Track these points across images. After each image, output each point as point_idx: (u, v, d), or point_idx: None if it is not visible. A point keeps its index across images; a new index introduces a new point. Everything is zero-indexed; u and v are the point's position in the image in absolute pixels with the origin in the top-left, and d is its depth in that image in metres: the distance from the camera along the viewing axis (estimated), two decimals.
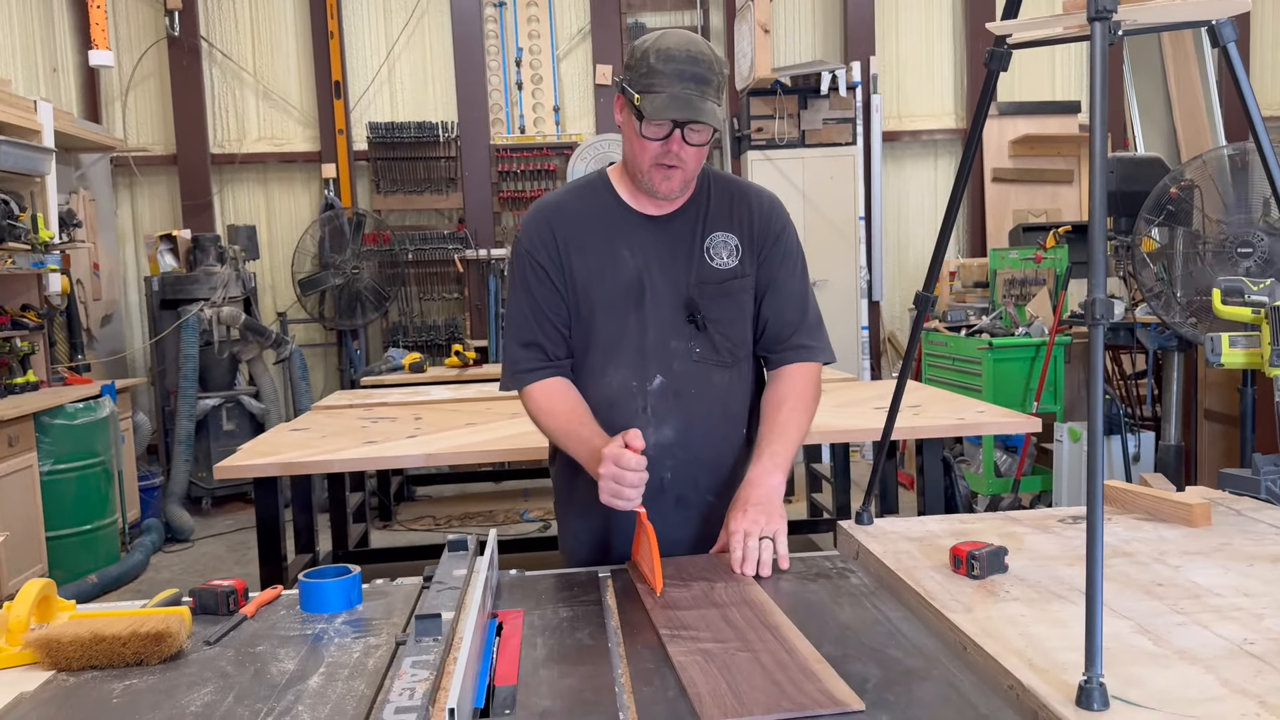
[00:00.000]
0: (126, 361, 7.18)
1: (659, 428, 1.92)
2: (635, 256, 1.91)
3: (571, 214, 1.95)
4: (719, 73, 1.80)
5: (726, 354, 1.94)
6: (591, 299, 1.92)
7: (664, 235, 1.93)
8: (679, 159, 1.81)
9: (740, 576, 1.68)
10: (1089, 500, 1.24)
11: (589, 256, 1.92)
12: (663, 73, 1.75)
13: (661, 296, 1.91)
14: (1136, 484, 2.13)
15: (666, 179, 1.84)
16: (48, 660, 1.39)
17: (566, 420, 1.89)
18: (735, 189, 2.00)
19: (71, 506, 4.85)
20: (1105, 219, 1.27)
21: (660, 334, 1.91)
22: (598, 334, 1.93)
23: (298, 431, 3.72)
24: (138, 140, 7.46)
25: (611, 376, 1.93)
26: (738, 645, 1.36)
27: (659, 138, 1.79)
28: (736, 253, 1.93)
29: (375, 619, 1.55)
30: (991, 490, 5.31)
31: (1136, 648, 1.30)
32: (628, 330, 1.92)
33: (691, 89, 1.75)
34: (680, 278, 1.91)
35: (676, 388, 1.92)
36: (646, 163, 1.83)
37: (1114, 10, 1.30)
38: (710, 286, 1.91)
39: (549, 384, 1.94)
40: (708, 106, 1.77)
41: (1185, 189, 4.48)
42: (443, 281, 7.66)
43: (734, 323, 1.94)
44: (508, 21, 7.58)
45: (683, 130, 1.78)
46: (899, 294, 7.88)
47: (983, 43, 7.62)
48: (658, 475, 1.89)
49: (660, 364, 1.91)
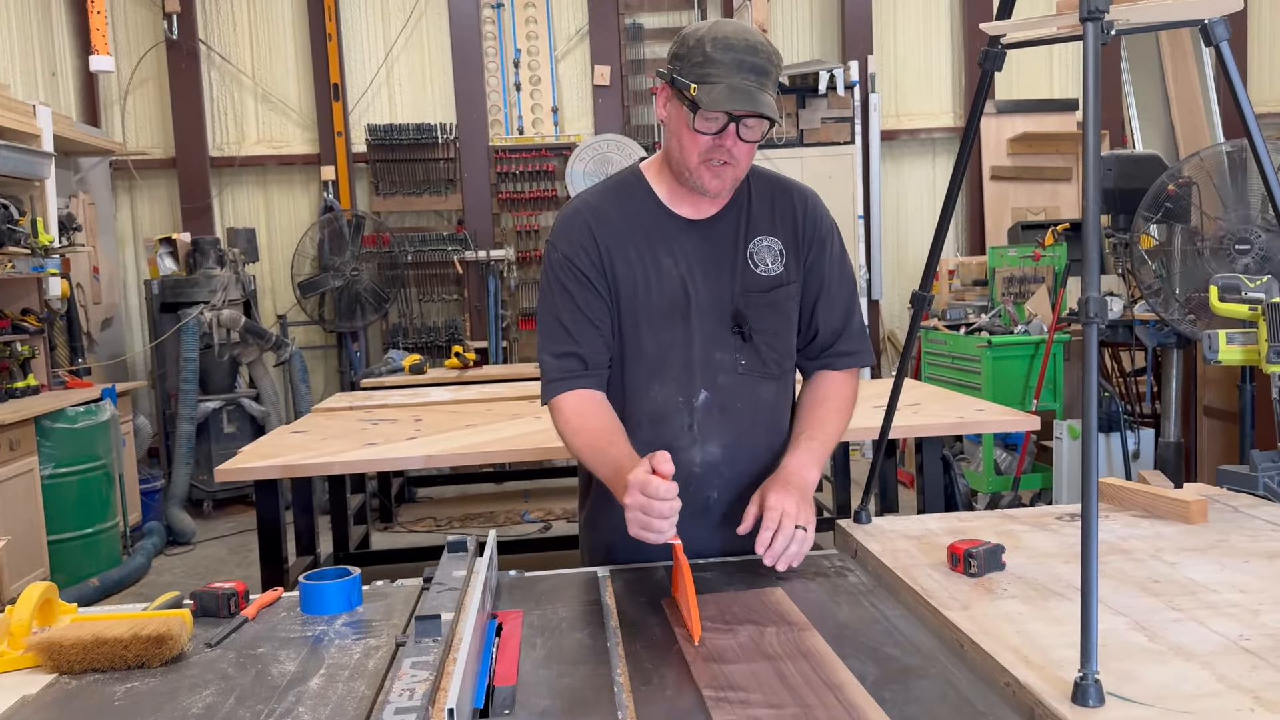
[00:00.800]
0: (127, 365, 7.18)
1: (705, 445, 1.84)
2: (678, 264, 1.81)
3: (611, 217, 1.83)
4: (777, 64, 1.70)
5: (774, 365, 1.86)
6: (635, 310, 1.82)
7: (706, 240, 1.83)
8: (731, 155, 1.70)
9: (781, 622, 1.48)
10: (1083, 497, 1.25)
11: (632, 264, 1.81)
12: (721, 62, 1.63)
13: (706, 307, 1.81)
14: (1135, 481, 2.14)
15: (717, 176, 1.72)
16: (50, 663, 1.39)
17: (595, 437, 1.76)
18: (777, 187, 1.89)
19: (73, 510, 4.85)
20: (1099, 218, 1.28)
21: (705, 347, 1.82)
22: (643, 347, 1.83)
23: (298, 434, 3.73)
24: (137, 144, 7.47)
25: (657, 392, 1.83)
26: (796, 712, 1.18)
27: (713, 132, 1.68)
28: (781, 258, 1.84)
29: (375, 620, 1.56)
30: (991, 488, 5.31)
31: (1132, 644, 1.30)
32: (674, 343, 1.82)
33: (751, 80, 1.64)
34: (724, 286, 1.81)
35: (722, 403, 1.83)
36: (695, 159, 1.71)
37: (1106, 10, 1.30)
38: (756, 295, 1.82)
39: (581, 397, 1.81)
40: (766, 99, 1.65)
41: (1183, 186, 4.48)
42: (442, 283, 7.66)
43: (780, 333, 1.86)
44: (506, 23, 7.59)
45: (738, 125, 1.67)
46: (898, 292, 7.89)
47: (979, 41, 7.62)
48: (704, 495, 1.84)
49: (706, 378, 1.82)
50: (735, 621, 1.48)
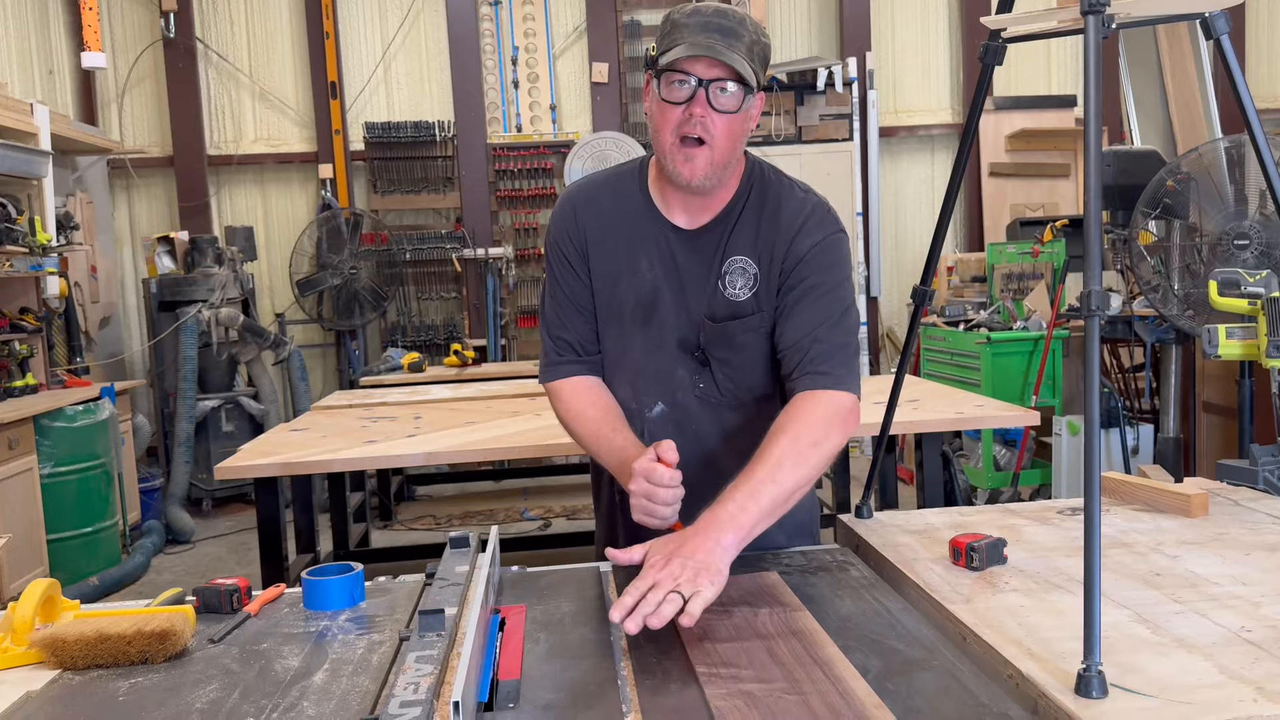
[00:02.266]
0: (125, 364, 7.18)
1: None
2: (654, 269, 1.75)
3: (600, 208, 1.80)
4: (752, 31, 1.60)
5: (730, 395, 1.77)
6: (603, 304, 1.80)
7: (688, 252, 1.75)
8: (703, 128, 1.59)
9: (774, 603, 1.50)
10: (1086, 491, 1.25)
11: (608, 255, 1.78)
12: (686, 25, 1.59)
13: (670, 321, 1.75)
14: (1135, 476, 2.14)
15: (689, 160, 1.62)
16: (53, 659, 1.39)
17: (597, 425, 1.75)
18: (773, 200, 1.75)
19: (72, 509, 4.85)
20: (1100, 213, 1.28)
21: (666, 360, 1.77)
22: (605, 343, 1.82)
23: (298, 432, 3.73)
24: (134, 142, 7.46)
25: (616, 390, 1.82)
26: (784, 686, 1.23)
27: (682, 100, 1.59)
28: (754, 283, 1.72)
29: (378, 616, 1.56)
30: (991, 484, 5.32)
31: (1135, 636, 1.31)
32: (629, 349, 1.79)
33: (715, 38, 1.56)
34: (693, 305, 1.74)
35: (678, 419, 1.78)
36: (668, 136, 1.62)
37: (1107, 4, 1.31)
38: (713, 325, 1.73)
39: (579, 383, 1.81)
40: (733, 55, 1.55)
41: (1182, 182, 4.49)
42: (441, 281, 7.66)
43: (742, 366, 1.76)
44: (503, 20, 7.59)
45: (708, 91, 1.58)
46: (897, 289, 7.90)
47: (978, 37, 7.63)
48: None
49: (662, 391, 1.78)
50: (730, 604, 1.51)
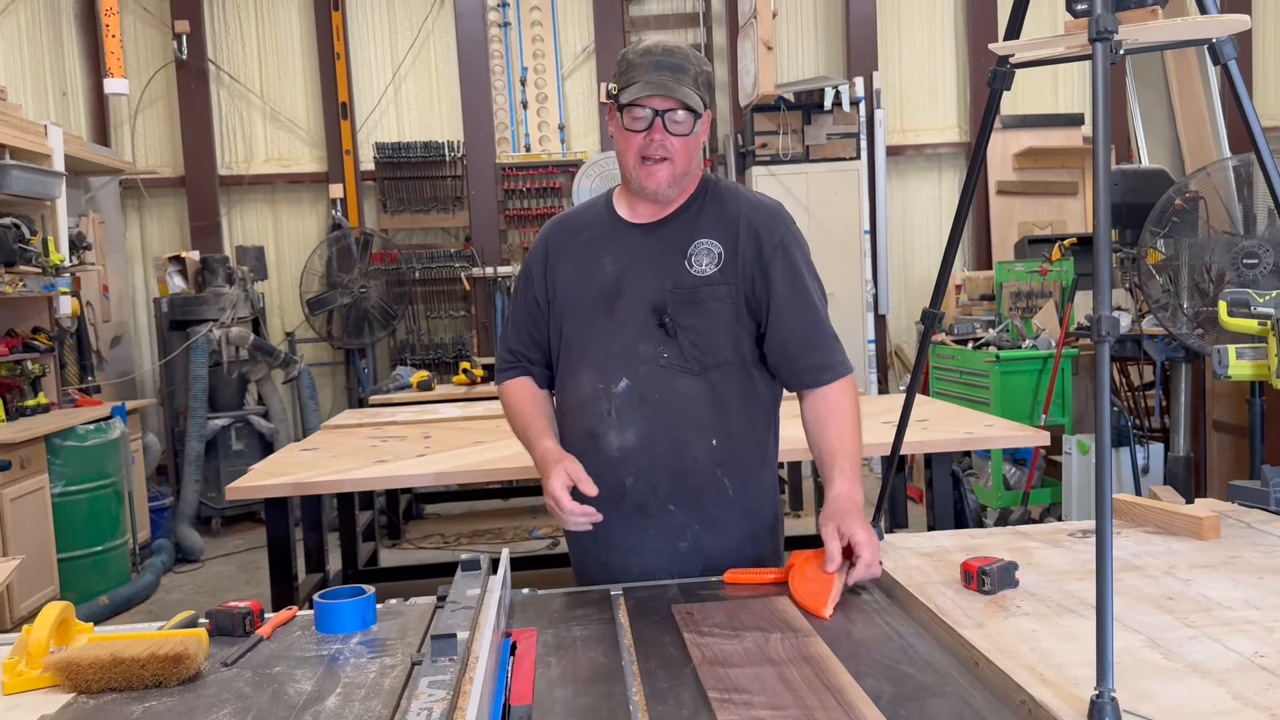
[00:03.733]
0: (136, 383, 7.21)
1: (623, 431, 1.93)
2: (616, 263, 1.95)
3: (567, 228, 2.05)
4: (696, 65, 1.87)
5: (694, 361, 1.91)
6: (568, 305, 1.99)
7: (650, 242, 1.95)
8: (664, 149, 1.84)
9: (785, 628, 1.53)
10: (1098, 515, 1.25)
11: (572, 266, 2.00)
12: (639, 65, 1.85)
13: (635, 301, 1.92)
14: (1146, 496, 2.14)
15: (652, 174, 1.86)
16: (68, 683, 1.40)
17: (523, 422, 2.02)
18: (733, 197, 1.98)
19: (83, 528, 4.86)
20: (1109, 237, 1.29)
21: (630, 338, 1.92)
22: (572, 338, 1.98)
23: (308, 451, 3.74)
24: (146, 163, 7.52)
25: (582, 378, 1.96)
26: (797, 714, 1.23)
27: (640, 129, 1.84)
28: (719, 260, 1.91)
29: (390, 639, 1.56)
30: (1001, 503, 5.30)
31: (1148, 662, 1.30)
32: (595, 333, 1.95)
33: (667, 75, 1.82)
34: (656, 283, 1.92)
35: (642, 392, 1.91)
36: (632, 159, 1.87)
37: (1115, 31, 1.32)
38: (684, 292, 1.90)
39: (516, 383, 2.08)
40: (683, 90, 1.82)
41: (1190, 201, 4.49)
42: (449, 299, 7.69)
43: (705, 331, 1.91)
44: (512, 41, 7.64)
45: (664, 120, 1.83)
46: (905, 307, 7.89)
47: (985, 56, 7.66)
48: (619, 479, 1.93)
49: (627, 367, 1.92)
50: (742, 628, 1.53)
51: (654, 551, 1.95)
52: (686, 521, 1.94)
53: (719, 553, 1.94)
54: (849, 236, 7.08)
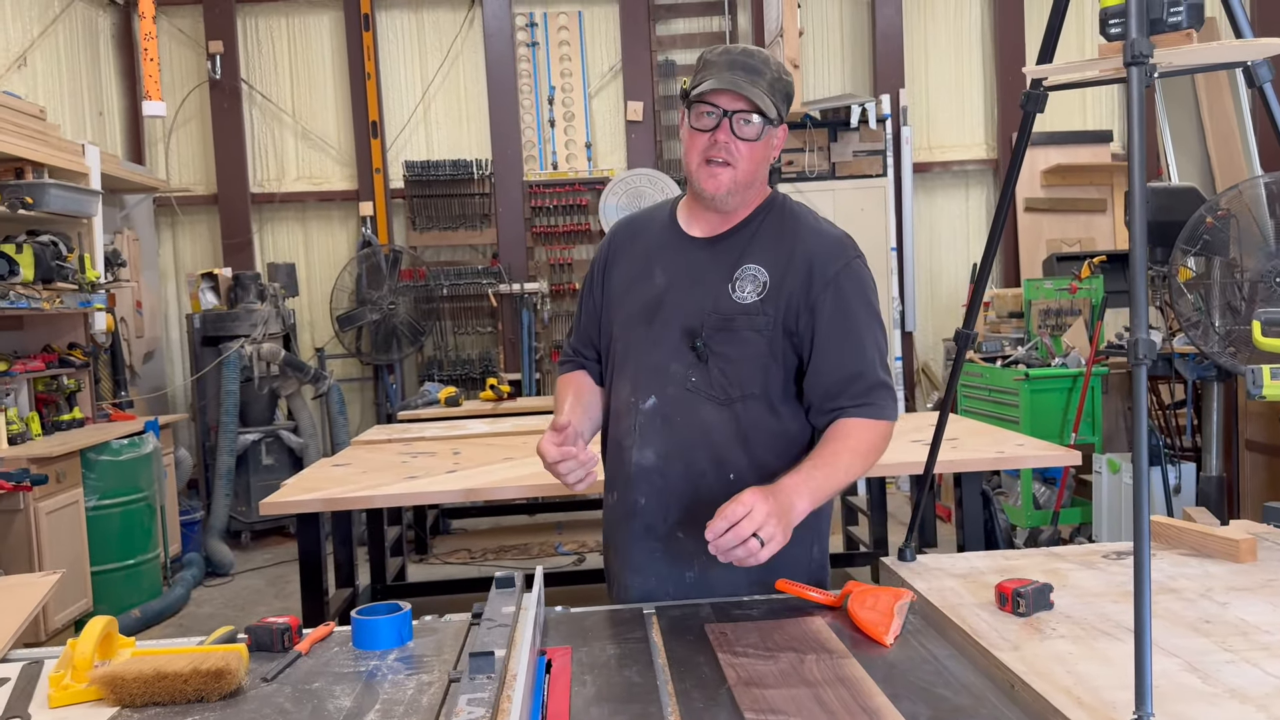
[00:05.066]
0: (168, 398, 7.29)
1: (642, 449, 1.89)
2: (664, 275, 1.92)
3: (631, 230, 2.05)
4: (775, 70, 1.81)
5: (721, 390, 1.85)
6: (616, 310, 1.99)
7: (702, 258, 1.89)
8: (728, 152, 1.79)
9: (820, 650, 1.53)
10: (1135, 537, 1.25)
11: (626, 272, 1.99)
12: (715, 63, 1.80)
13: (672, 319, 1.88)
14: (1178, 517, 2.12)
15: (714, 176, 1.80)
16: (112, 697, 1.42)
17: (559, 403, 2.04)
18: (794, 223, 1.90)
19: (116, 541, 4.92)
20: (1145, 260, 1.29)
21: (664, 356, 1.88)
22: (614, 347, 1.98)
23: (340, 466, 3.77)
24: (180, 181, 7.63)
25: (620, 387, 1.96)
26: None
27: (706, 127, 1.79)
28: (763, 289, 1.84)
29: (426, 656, 1.58)
30: (1030, 523, 5.26)
31: (1186, 686, 1.30)
32: (633, 344, 1.93)
33: (740, 75, 1.77)
34: (697, 304, 1.87)
35: (666, 412, 1.88)
36: (696, 159, 1.82)
37: (1150, 55, 1.32)
38: (718, 317, 1.85)
39: (572, 374, 2.10)
40: (756, 91, 1.76)
41: (1221, 219, 4.45)
42: (477, 316, 7.74)
43: (736, 360, 1.84)
44: (540, 60, 7.70)
45: (731, 121, 1.77)
46: (932, 324, 7.87)
47: (1012, 73, 7.64)
48: (634, 497, 1.91)
49: (656, 385, 1.89)
50: (776, 649, 1.53)
51: (659, 575, 1.91)
52: (694, 551, 1.85)
53: (727, 589, 1.86)
54: (875, 254, 7.07)
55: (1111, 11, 1.42)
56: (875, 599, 1.64)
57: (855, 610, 1.64)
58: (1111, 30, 1.47)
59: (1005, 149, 7.71)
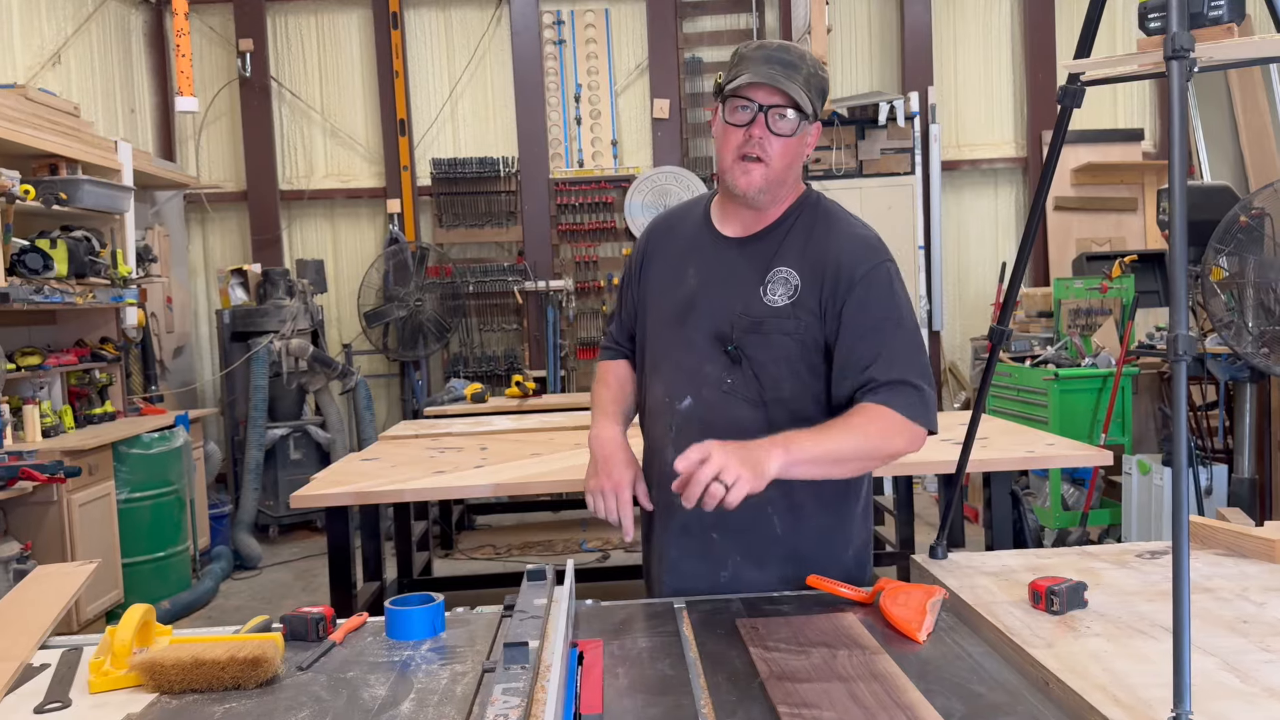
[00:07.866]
0: (197, 392, 7.37)
1: (679, 449, 1.82)
2: (697, 276, 1.92)
3: (667, 227, 2.05)
4: (811, 66, 1.79)
5: (755, 393, 1.85)
6: (650, 309, 1.99)
7: (735, 259, 1.89)
8: (761, 148, 1.77)
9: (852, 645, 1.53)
10: (1174, 537, 1.24)
11: (661, 269, 1.99)
12: (750, 57, 1.78)
13: (705, 321, 1.88)
14: (1213, 519, 2.11)
15: (746, 173, 1.78)
16: (151, 683, 1.44)
17: (599, 397, 2.06)
18: (827, 223, 1.88)
19: (146, 534, 4.98)
20: (1185, 259, 1.28)
21: (698, 358, 1.88)
22: (649, 345, 1.99)
23: (369, 461, 3.80)
24: (210, 177, 7.70)
25: (655, 386, 1.96)
26: None
27: (741, 123, 1.77)
28: (794, 292, 1.83)
29: (459, 646, 1.59)
30: (1059, 524, 5.23)
31: (1223, 685, 1.29)
32: (668, 345, 1.94)
33: (777, 69, 1.75)
34: (730, 306, 1.86)
35: (702, 414, 1.88)
36: (729, 155, 1.80)
37: (1191, 49, 1.31)
38: (749, 320, 1.84)
39: (613, 363, 2.12)
40: (792, 85, 1.73)
41: (1255, 218, 4.40)
42: (502, 313, 7.76)
43: (767, 363, 1.84)
44: (567, 59, 7.72)
45: (767, 116, 1.75)
46: (959, 323, 7.82)
47: (1042, 71, 7.58)
48: (668, 496, 1.85)
49: (692, 387, 1.89)
50: (808, 644, 1.53)
51: (694, 573, 1.91)
52: (727, 552, 1.89)
53: (761, 589, 1.85)
54: (903, 252, 7.04)
55: (1152, 6, 1.41)
56: (907, 596, 1.63)
57: (887, 607, 1.64)
58: (1151, 25, 1.46)
59: (1034, 147, 7.65)
